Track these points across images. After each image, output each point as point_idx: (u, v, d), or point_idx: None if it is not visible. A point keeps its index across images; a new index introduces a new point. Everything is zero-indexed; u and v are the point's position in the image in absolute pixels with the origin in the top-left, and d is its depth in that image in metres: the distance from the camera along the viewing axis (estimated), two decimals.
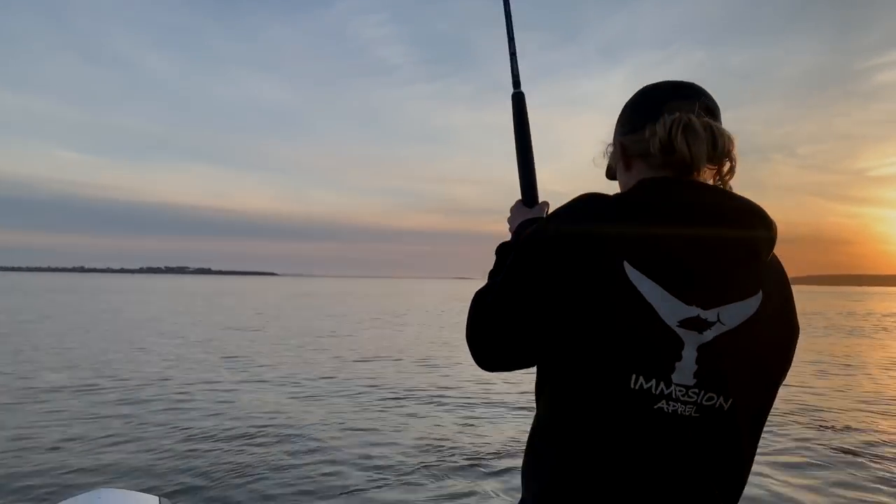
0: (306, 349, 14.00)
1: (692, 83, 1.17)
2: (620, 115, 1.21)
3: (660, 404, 1.02)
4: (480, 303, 1.15)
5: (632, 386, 1.01)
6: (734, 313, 1.05)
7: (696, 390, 1.03)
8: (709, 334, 1.03)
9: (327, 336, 17.30)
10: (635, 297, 1.00)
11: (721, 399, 1.05)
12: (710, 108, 1.13)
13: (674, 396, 1.02)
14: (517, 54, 1.58)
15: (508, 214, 1.51)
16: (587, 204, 1.08)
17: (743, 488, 1.12)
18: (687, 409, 1.03)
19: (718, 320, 1.03)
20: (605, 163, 1.25)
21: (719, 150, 1.08)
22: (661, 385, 1.01)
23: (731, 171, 1.14)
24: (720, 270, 1.05)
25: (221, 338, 16.10)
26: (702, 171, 1.10)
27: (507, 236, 1.46)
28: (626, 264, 1.01)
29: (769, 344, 1.10)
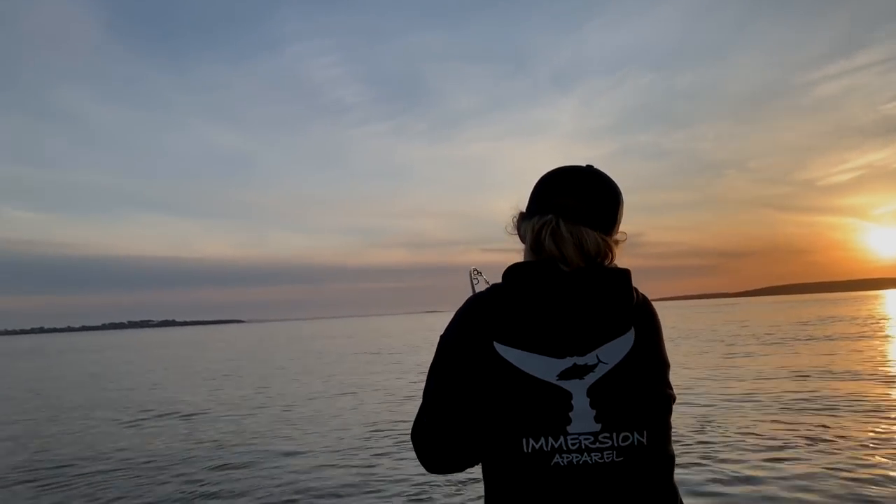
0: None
1: (595, 177, 1.24)
2: (532, 192, 1.30)
3: (555, 459, 1.07)
4: (419, 409, 1.26)
5: (525, 450, 1.09)
6: (613, 350, 1.13)
7: (607, 434, 1.09)
8: (593, 377, 1.11)
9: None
10: (507, 368, 1.11)
11: (636, 435, 1.10)
12: (598, 212, 1.21)
13: (566, 448, 1.08)
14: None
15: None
16: (467, 305, 1.23)
17: None
18: (605, 456, 1.08)
19: (599, 361, 1.12)
20: (514, 230, 1.32)
21: (586, 254, 1.17)
22: (551, 440, 1.08)
23: (612, 261, 1.23)
24: (585, 321, 1.14)
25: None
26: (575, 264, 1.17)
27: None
28: (495, 343, 1.13)
29: (654, 372, 1.17)
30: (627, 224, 1.28)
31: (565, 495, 1.07)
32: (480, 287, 1.56)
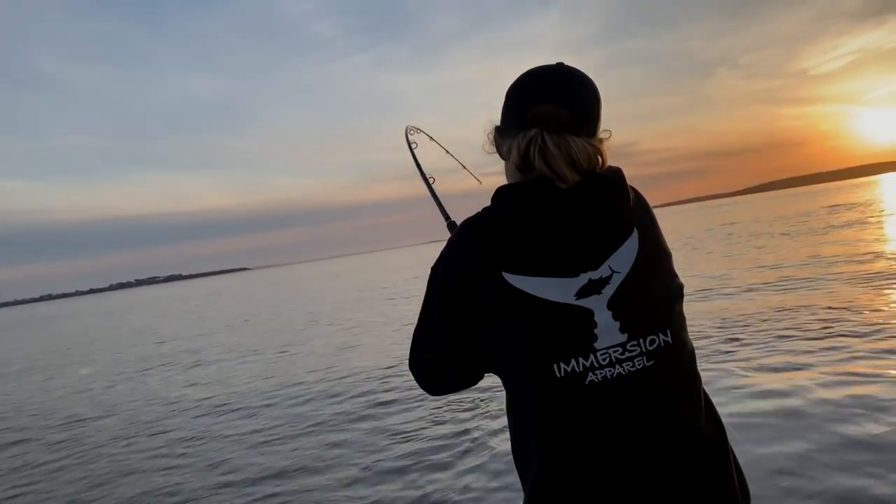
0: None
1: (570, 76, 1.19)
2: (503, 102, 1.24)
3: (589, 378, 1.08)
4: (413, 337, 1.30)
5: (558, 375, 1.08)
6: (623, 257, 1.13)
7: (634, 341, 1.10)
8: (610, 289, 1.11)
9: None
10: (523, 298, 1.10)
11: (661, 336, 1.12)
12: (580, 114, 1.16)
13: (598, 365, 1.08)
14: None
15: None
16: (463, 234, 1.19)
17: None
18: (636, 363, 1.09)
19: (613, 271, 1.11)
20: (492, 147, 1.29)
21: (577, 164, 1.13)
22: (582, 360, 1.08)
23: (603, 164, 1.18)
24: (591, 234, 1.12)
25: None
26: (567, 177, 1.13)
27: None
28: (504, 274, 1.10)
29: (662, 268, 1.19)
30: (621, 134, 1.32)
31: (605, 409, 1.08)
32: (420, 150, 1.68)
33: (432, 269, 1.22)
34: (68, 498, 5.20)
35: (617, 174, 1.18)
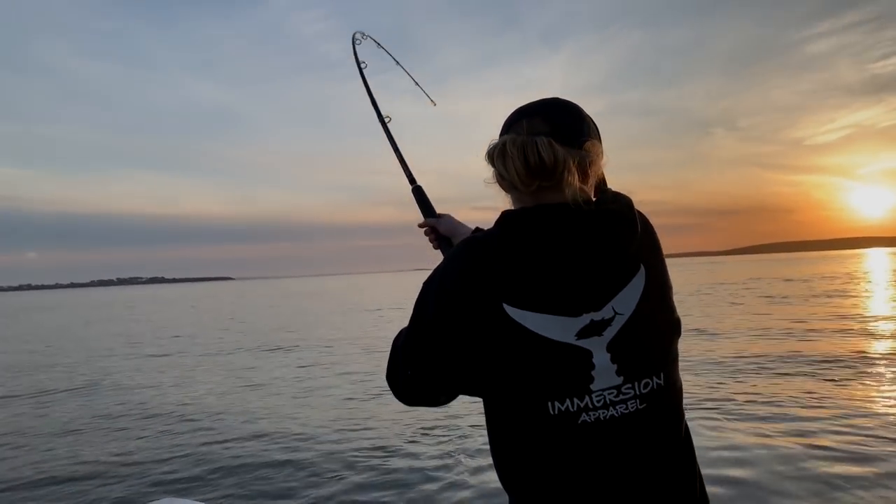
0: None
1: (552, 101, 1.19)
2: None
3: (582, 418, 1.07)
4: (395, 350, 1.24)
5: (551, 413, 1.07)
6: (627, 299, 1.10)
7: (629, 384, 1.09)
8: (611, 331, 1.08)
9: None
10: (522, 332, 1.06)
11: (654, 379, 1.11)
12: (555, 123, 1.14)
13: (592, 406, 1.07)
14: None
15: (447, 222, 1.65)
16: (464, 253, 1.13)
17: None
18: (630, 406, 1.09)
19: (616, 313, 1.09)
20: (492, 180, 1.20)
21: (532, 166, 1.09)
22: (577, 401, 1.07)
23: (582, 175, 1.13)
24: (596, 271, 1.09)
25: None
26: (536, 184, 1.10)
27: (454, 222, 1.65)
28: (505, 306, 1.07)
29: (664, 307, 1.17)
30: (617, 182, 1.23)
31: (595, 450, 1.08)
32: (366, 59, 1.72)
33: (425, 283, 1.17)
34: None
35: (625, 205, 1.15)
